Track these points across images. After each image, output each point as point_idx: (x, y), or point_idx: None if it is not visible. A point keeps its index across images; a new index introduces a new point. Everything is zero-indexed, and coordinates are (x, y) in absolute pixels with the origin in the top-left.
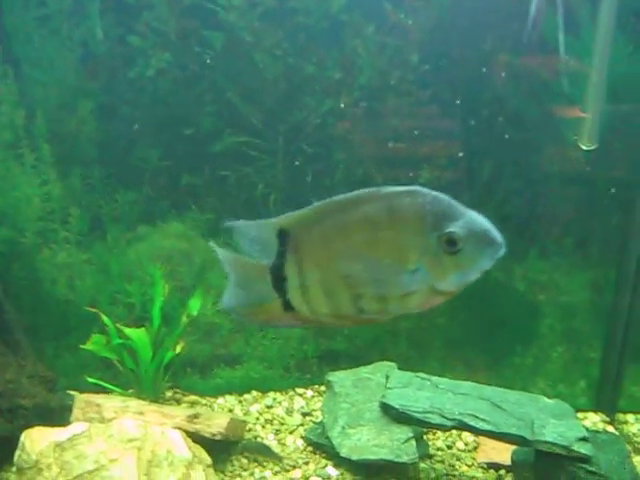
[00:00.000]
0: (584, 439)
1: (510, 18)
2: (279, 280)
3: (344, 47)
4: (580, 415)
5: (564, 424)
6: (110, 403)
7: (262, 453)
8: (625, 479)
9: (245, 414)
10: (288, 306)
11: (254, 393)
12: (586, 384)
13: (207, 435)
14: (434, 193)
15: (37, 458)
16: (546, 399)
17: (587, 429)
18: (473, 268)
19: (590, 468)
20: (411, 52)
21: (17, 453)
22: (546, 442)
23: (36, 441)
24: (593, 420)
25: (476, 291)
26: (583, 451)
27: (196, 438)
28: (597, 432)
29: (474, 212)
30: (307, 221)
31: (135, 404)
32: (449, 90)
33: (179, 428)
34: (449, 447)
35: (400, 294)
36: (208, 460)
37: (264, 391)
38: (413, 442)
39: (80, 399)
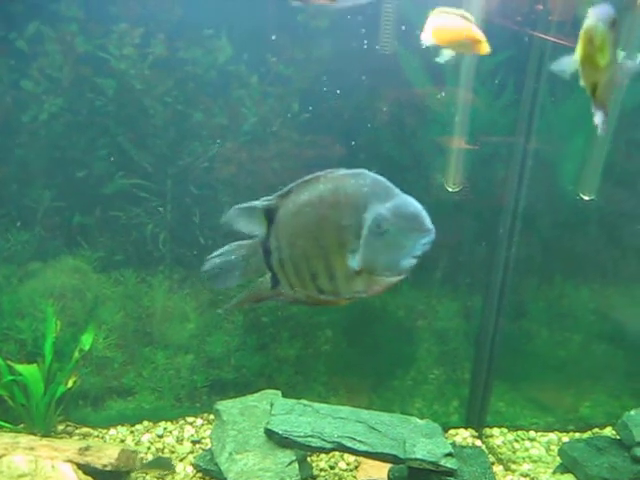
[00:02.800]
0: (450, 455)
1: (383, 72)
2: (267, 255)
3: (230, 95)
4: (452, 431)
5: (433, 442)
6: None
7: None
8: None
9: (137, 444)
10: (275, 280)
11: (145, 423)
12: (458, 403)
13: (98, 466)
14: (374, 176)
15: None
16: (417, 420)
17: (453, 445)
18: (401, 252)
19: None
20: (292, 100)
21: None
22: (416, 459)
23: None
24: (463, 435)
25: (358, 318)
26: (449, 465)
27: (87, 470)
28: (463, 447)
29: (409, 197)
30: (283, 199)
31: (25, 440)
32: (327, 135)
33: (70, 461)
34: (332, 467)
35: (345, 275)
36: None
37: (155, 421)
38: (296, 465)
39: None
